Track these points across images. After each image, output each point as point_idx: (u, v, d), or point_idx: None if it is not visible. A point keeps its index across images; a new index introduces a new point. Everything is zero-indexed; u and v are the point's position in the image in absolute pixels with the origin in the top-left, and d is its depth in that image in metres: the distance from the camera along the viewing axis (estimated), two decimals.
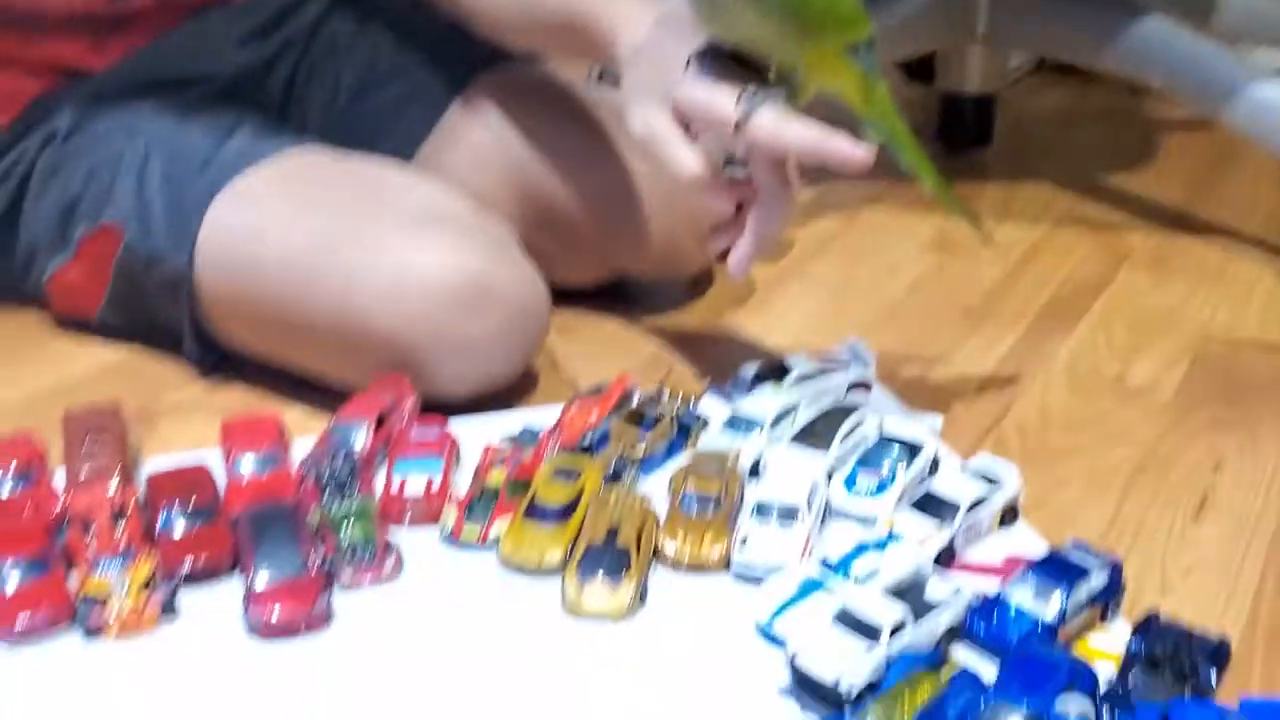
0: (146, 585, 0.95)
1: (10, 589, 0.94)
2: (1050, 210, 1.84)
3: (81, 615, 0.93)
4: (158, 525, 1.01)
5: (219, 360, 1.32)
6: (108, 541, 0.98)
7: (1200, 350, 1.41)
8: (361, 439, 1.12)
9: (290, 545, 0.97)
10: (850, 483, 1.06)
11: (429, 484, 1.08)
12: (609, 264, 1.47)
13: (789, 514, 1.00)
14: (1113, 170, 2.01)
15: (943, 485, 1.03)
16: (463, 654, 0.92)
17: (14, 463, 1.06)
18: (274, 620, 0.93)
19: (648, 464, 1.12)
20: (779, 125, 1.06)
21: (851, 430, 1.11)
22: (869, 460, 1.08)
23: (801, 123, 1.06)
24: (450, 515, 1.05)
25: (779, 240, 1.13)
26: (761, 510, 1.01)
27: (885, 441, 1.10)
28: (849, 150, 1.04)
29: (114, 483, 1.04)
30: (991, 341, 1.43)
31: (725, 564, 0.99)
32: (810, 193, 1.86)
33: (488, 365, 1.23)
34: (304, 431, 1.17)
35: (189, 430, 1.22)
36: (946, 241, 1.72)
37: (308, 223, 1.23)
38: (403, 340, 1.19)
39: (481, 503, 1.05)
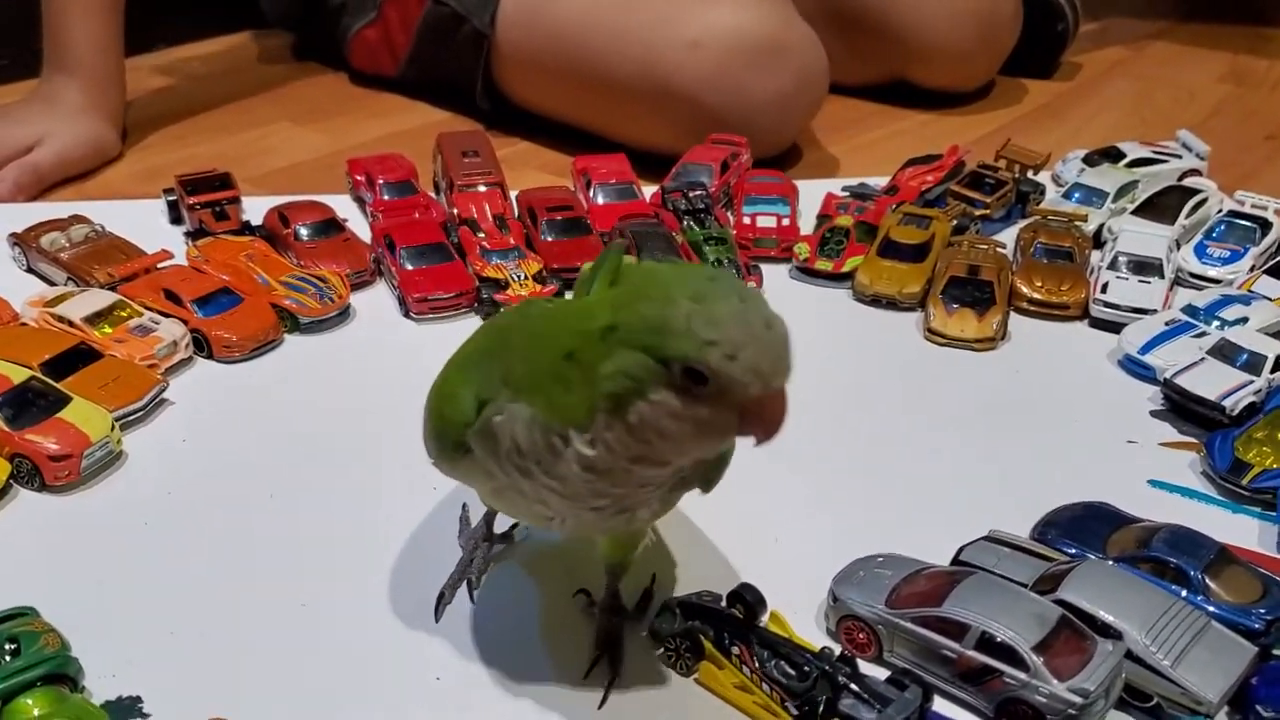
0: (536, 277, 1.02)
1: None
2: None
3: (485, 293, 1.01)
4: (539, 234, 1.08)
5: (506, 113, 1.39)
6: (498, 239, 1.05)
7: None
8: (708, 178, 1.17)
9: (669, 255, 1.03)
10: (1200, 251, 1.08)
11: (779, 219, 1.12)
12: (890, 66, 1.49)
13: (1148, 267, 1.02)
14: None
15: None
16: (819, 370, 0.97)
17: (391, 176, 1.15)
18: None
19: (987, 225, 1.15)
20: None
21: (1195, 207, 1.12)
22: (1217, 233, 1.09)
23: None
24: (803, 249, 1.09)
25: None
26: (1119, 264, 1.03)
27: (1232, 217, 1.10)
28: None
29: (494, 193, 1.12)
30: None
31: (1082, 311, 1.02)
32: (1094, 25, 1.83)
33: (778, 124, 1.27)
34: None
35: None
36: (1242, 73, 1.68)
37: None
38: (700, 98, 1.22)
39: (833, 239, 1.10)
